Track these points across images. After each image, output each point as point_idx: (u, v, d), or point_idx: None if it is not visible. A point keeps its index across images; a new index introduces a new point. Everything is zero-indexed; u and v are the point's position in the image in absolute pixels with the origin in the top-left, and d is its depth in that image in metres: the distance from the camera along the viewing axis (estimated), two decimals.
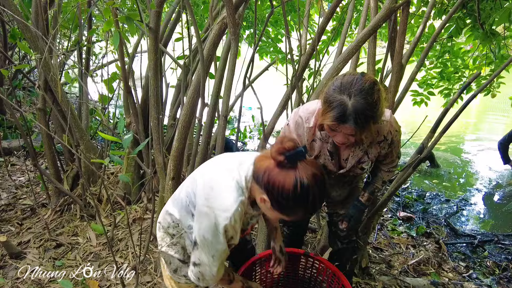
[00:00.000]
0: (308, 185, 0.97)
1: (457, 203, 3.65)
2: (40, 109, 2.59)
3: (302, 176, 0.97)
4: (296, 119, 1.43)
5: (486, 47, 3.59)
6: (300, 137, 1.44)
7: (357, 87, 1.16)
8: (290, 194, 0.97)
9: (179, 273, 1.36)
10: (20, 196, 3.01)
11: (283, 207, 1.03)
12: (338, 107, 1.16)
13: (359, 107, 1.15)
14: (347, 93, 1.16)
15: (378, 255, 2.59)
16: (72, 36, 3.29)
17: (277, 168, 1.00)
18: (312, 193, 0.98)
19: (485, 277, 2.49)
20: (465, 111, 2.07)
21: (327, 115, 1.19)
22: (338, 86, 1.19)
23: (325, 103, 1.22)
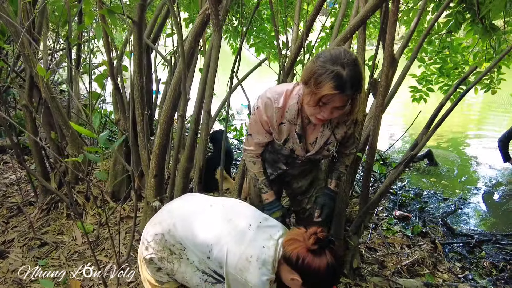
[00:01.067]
0: (336, 267, 1.19)
1: (455, 202, 3.57)
2: (25, 106, 2.55)
3: (332, 261, 1.18)
4: (265, 101, 1.43)
5: (486, 42, 3.49)
6: (270, 118, 1.44)
7: (348, 58, 1.21)
8: (325, 276, 1.17)
9: (163, 271, 1.34)
10: (9, 194, 2.98)
11: (316, 285, 1.21)
12: (335, 77, 1.18)
13: (354, 75, 1.20)
14: (340, 64, 1.19)
15: (371, 255, 2.52)
16: (61, 32, 3.24)
17: (310, 254, 1.18)
18: (338, 272, 1.24)
19: (481, 278, 2.41)
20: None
21: (325, 86, 1.20)
22: (328, 58, 1.22)
23: (316, 76, 1.22)
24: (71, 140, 2.58)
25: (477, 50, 3.69)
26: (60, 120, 2.54)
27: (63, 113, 2.56)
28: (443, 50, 3.60)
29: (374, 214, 3.17)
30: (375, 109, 1.93)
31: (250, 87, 2.69)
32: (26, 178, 3.17)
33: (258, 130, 1.51)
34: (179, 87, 1.82)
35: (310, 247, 1.17)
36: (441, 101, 2.23)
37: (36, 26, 2.61)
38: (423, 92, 3.53)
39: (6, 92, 4.25)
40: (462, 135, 5.99)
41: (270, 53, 3.85)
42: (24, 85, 2.77)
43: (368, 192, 2.14)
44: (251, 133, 1.55)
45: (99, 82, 2.73)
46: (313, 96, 1.25)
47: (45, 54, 3.07)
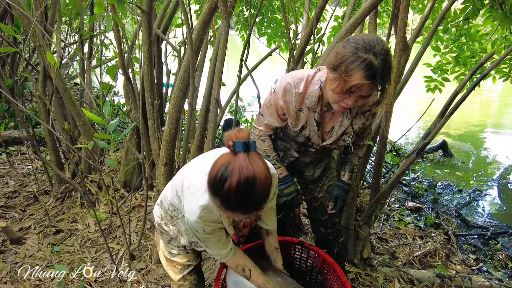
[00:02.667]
0: (227, 176, 0.91)
1: (470, 193, 3.48)
2: (39, 97, 2.60)
3: (228, 165, 0.92)
4: (285, 85, 1.38)
5: (505, 29, 3.35)
6: (287, 103, 1.40)
7: (381, 47, 1.15)
8: (212, 177, 0.95)
9: (173, 243, 1.37)
10: (26, 184, 3.06)
11: (212, 190, 0.98)
12: (367, 66, 1.13)
13: (386, 66, 1.16)
14: (373, 52, 1.14)
15: (382, 246, 2.50)
16: (73, 24, 3.28)
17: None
18: (229, 183, 0.91)
19: (496, 271, 2.35)
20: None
21: (356, 75, 1.14)
22: (361, 45, 1.15)
23: (347, 63, 1.16)
24: (84, 130, 2.62)
25: (496, 37, 3.56)
26: (73, 110, 2.58)
27: (76, 104, 2.60)
28: (459, 38, 3.47)
29: (386, 205, 3.13)
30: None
31: (260, 78, 2.68)
32: (42, 168, 3.25)
33: (271, 113, 1.47)
34: (187, 75, 1.82)
35: (227, 143, 1.00)
36: (455, 89, 2.17)
37: (48, 18, 2.65)
38: (438, 82, 3.43)
39: (23, 85, 4.36)
40: (480, 127, 5.82)
41: (281, 42, 3.81)
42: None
43: (379, 182, 2.10)
44: (263, 114, 1.51)
45: (111, 73, 2.77)
46: (341, 83, 1.19)
47: (58, 46, 3.12)
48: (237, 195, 0.91)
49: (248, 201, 0.94)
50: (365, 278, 2.10)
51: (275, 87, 1.41)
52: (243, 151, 0.93)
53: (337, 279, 1.60)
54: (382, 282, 2.08)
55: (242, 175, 0.90)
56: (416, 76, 3.42)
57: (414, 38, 2.35)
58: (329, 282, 1.63)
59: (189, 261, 1.40)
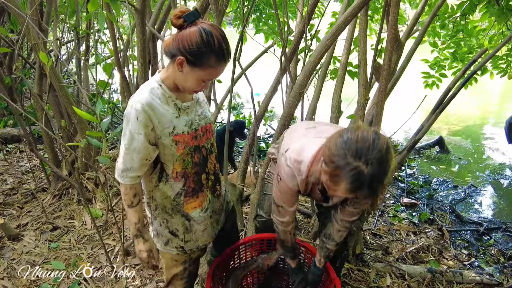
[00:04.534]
0: (210, 31, 1.08)
1: (465, 189, 3.50)
2: (36, 94, 2.62)
3: (203, 26, 1.09)
4: (287, 171, 1.32)
5: (502, 25, 3.35)
6: (297, 185, 1.34)
7: (376, 153, 1.00)
8: (198, 41, 1.07)
9: (171, 245, 1.35)
10: (24, 181, 3.09)
11: (197, 57, 1.09)
12: (354, 176, 1.01)
13: (377, 177, 1.01)
14: (364, 160, 0.99)
15: (375, 241, 2.52)
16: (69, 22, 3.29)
17: (180, 31, 1.10)
18: (215, 36, 1.08)
19: (488, 266, 2.37)
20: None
21: (342, 185, 1.04)
22: (353, 149, 1.01)
23: (334, 167, 1.05)
24: (80, 128, 2.65)
25: (493, 33, 3.55)
26: (69, 108, 2.61)
27: (72, 102, 2.62)
28: (457, 34, 3.47)
29: (381, 201, 3.15)
30: (378, 94, 1.90)
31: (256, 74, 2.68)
32: (40, 166, 3.28)
33: (288, 198, 1.38)
34: None
35: (177, 23, 1.09)
36: (448, 85, 2.18)
37: (44, 16, 2.67)
38: (435, 78, 3.42)
39: (21, 83, 4.38)
40: (478, 124, 5.82)
41: (277, 39, 3.81)
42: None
43: None
44: (281, 204, 1.40)
45: (107, 71, 2.78)
46: (330, 186, 1.10)
47: (55, 44, 3.14)
48: (224, 42, 1.10)
49: (229, 46, 1.13)
50: (357, 273, 2.13)
51: (280, 175, 1.35)
52: (198, 18, 1.10)
53: (327, 275, 1.63)
54: (373, 277, 2.10)
55: (215, 27, 1.10)
56: (417, 72, 3.43)
57: (408, 34, 2.36)
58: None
59: (189, 256, 1.41)
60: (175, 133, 1.18)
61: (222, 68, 1.15)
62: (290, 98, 1.97)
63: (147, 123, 1.12)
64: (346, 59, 2.29)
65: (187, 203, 1.29)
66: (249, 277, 1.86)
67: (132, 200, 1.22)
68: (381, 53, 2.43)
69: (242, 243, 1.80)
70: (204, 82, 1.15)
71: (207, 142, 1.32)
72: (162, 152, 1.20)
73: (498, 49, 2.00)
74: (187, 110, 1.23)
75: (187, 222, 1.32)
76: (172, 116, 1.18)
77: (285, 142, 1.44)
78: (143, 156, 1.15)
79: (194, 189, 1.28)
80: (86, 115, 1.44)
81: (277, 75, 2.19)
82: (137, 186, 1.22)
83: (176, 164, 1.22)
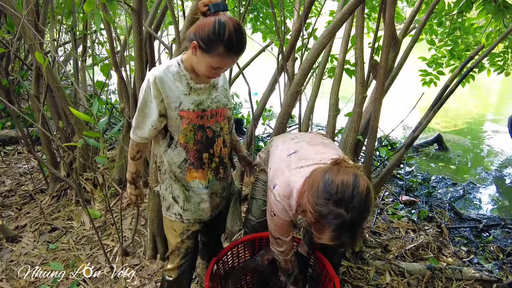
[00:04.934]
0: (224, 22, 1.14)
1: (464, 186, 3.50)
2: (33, 96, 2.61)
3: (220, 18, 1.15)
4: (278, 206, 1.35)
5: (499, 22, 3.35)
6: (290, 217, 1.38)
7: (356, 202, 1.03)
8: (210, 29, 1.15)
9: (171, 210, 1.46)
10: (22, 183, 3.09)
11: (207, 45, 1.17)
12: (336, 225, 1.04)
13: (357, 223, 1.06)
14: (345, 208, 1.03)
15: (375, 239, 2.52)
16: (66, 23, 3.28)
17: (202, 18, 1.19)
18: (228, 28, 1.14)
19: (487, 262, 2.37)
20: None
21: (323, 233, 1.08)
22: (333, 197, 1.04)
23: (318, 216, 1.08)
24: (78, 129, 2.64)
25: (490, 31, 3.55)
26: (66, 109, 2.60)
27: (69, 103, 2.62)
28: (454, 32, 3.47)
29: (380, 199, 3.15)
30: (376, 92, 1.90)
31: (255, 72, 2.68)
32: (38, 167, 3.27)
33: (284, 230, 1.43)
34: None
35: (202, 9, 1.18)
36: (445, 82, 2.18)
37: (40, 17, 2.66)
38: (433, 75, 3.43)
39: (19, 84, 4.37)
40: (477, 121, 5.83)
41: (274, 38, 3.82)
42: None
43: (370, 176, 2.12)
44: (279, 237, 1.45)
45: (104, 72, 2.78)
46: (316, 234, 1.13)
47: (52, 45, 3.13)
48: (236, 35, 1.15)
49: (243, 41, 1.19)
50: (357, 271, 2.13)
51: (273, 211, 1.39)
52: (222, 10, 1.17)
53: (326, 273, 1.62)
54: (373, 275, 2.10)
55: (234, 21, 1.16)
56: (415, 69, 3.43)
57: (405, 32, 2.36)
58: (317, 276, 1.66)
59: (187, 227, 1.47)
60: (181, 109, 1.29)
61: (231, 59, 1.22)
62: (288, 96, 1.97)
63: (156, 94, 1.25)
64: (344, 57, 2.28)
65: (189, 172, 1.39)
66: (248, 276, 1.86)
67: (135, 155, 1.41)
68: (378, 51, 2.43)
69: (241, 242, 1.80)
70: (215, 70, 1.23)
71: (216, 125, 1.41)
72: (169, 123, 1.34)
73: (495, 46, 2.00)
74: (199, 91, 1.34)
75: (187, 192, 1.42)
76: (180, 93, 1.29)
77: (270, 173, 1.46)
78: (151, 122, 1.30)
79: (193, 163, 1.38)
80: (83, 116, 1.43)
81: (274, 73, 2.19)
82: (142, 146, 1.39)
83: (180, 136, 1.34)
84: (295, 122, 5.09)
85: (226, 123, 1.46)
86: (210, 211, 1.48)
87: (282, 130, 2.05)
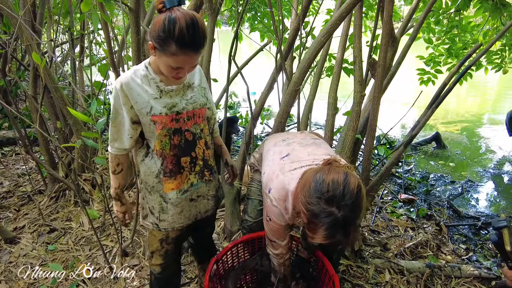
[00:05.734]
0: (174, 18, 1.07)
1: (463, 184, 3.51)
2: (31, 96, 2.60)
3: (171, 14, 1.08)
4: (275, 211, 1.35)
5: (496, 20, 3.36)
6: (286, 221, 1.38)
7: (348, 199, 1.04)
8: (161, 27, 1.08)
9: (148, 220, 1.44)
10: (20, 184, 3.07)
11: (159, 43, 1.10)
12: (329, 223, 1.05)
13: (350, 221, 1.06)
14: (336, 206, 1.04)
15: (374, 238, 2.52)
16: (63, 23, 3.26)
17: (157, 15, 1.12)
18: (178, 24, 1.06)
19: (485, 260, 2.38)
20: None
21: (317, 233, 1.08)
22: (324, 195, 1.05)
23: (310, 215, 1.08)
24: (76, 129, 2.63)
25: (487, 29, 3.56)
26: (64, 110, 2.59)
27: (67, 103, 2.61)
28: (451, 30, 3.47)
29: (379, 198, 3.16)
30: (374, 90, 1.90)
31: (253, 72, 2.68)
32: (36, 168, 3.26)
33: (280, 233, 1.44)
34: None
35: (158, 6, 1.12)
36: (444, 80, 2.18)
37: (37, 17, 2.64)
38: (431, 74, 3.43)
39: (16, 85, 4.35)
40: (475, 119, 5.84)
41: (272, 37, 3.81)
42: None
43: (369, 175, 2.12)
44: (274, 240, 1.47)
45: (102, 72, 2.77)
46: (309, 234, 1.13)
47: (49, 45, 3.11)
48: (188, 30, 1.07)
49: (197, 35, 1.09)
50: (356, 270, 2.13)
51: (269, 216, 1.39)
52: (177, 4, 1.10)
53: (326, 272, 1.62)
54: (372, 274, 2.11)
55: (187, 15, 1.08)
56: (413, 68, 3.43)
57: (403, 30, 2.36)
58: (317, 275, 1.66)
59: (166, 234, 1.45)
60: (153, 113, 1.24)
61: (188, 56, 1.12)
62: (286, 95, 1.97)
63: (124, 101, 1.21)
64: (342, 56, 2.29)
65: (165, 183, 1.34)
66: (247, 275, 1.86)
67: (115, 168, 1.35)
68: (377, 50, 2.44)
69: (241, 242, 1.80)
70: (176, 70, 1.16)
71: (195, 127, 1.35)
72: (144, 130, 1.29)
73: (493, 43, 2.01)
74: (171, 93, 1.27)
75: (164, 203, 1.37)
76: (150, 97, 1.23)
77: (264, 177, 1.46)
78: (125, 131, 1.26)
79: (171, 170, 1.33)
80: (81, 116, 1.43)
81: (272, 73, 2.19)
82: (122, 158, 1.34)
83: (156, 142, 1.29)
84: (293, 121, 5.09)
85: (206, 124, 1.41)
86: (190, 215, 1.45)
87: (281, 129, 2.05)
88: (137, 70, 1.24)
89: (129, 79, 1.21)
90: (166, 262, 1.51)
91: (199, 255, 1.88)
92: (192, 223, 1.49)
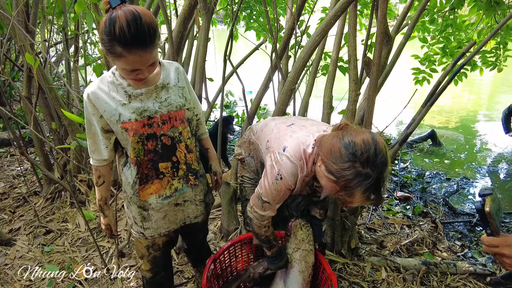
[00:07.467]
0: (114, 17, 1.00)
1: (458, 181, 3.53)
2: (25, 97, 2.58)
3: (111, 13, 1.01)
4: (290, 167, 1.29)
5: (491, 18, 3.38)
6: (295, 183, 1.33)
7: (380, 158, 1.05)
8: (103, 29, 1.03)
9: (133, 228, 1.43)
10: (16, 185, 3.05)
11: (105, 46, 1.05)
12: (367, 185, 1.05)
13: (384, 178, 1.08)
14: (371, 167, 1.04)
15: (370, 235, 2.53)
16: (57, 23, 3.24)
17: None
18: (118, 22, 0.99)
19: (480, 256, 2.40)
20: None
21: (354, 197, 1.07)
22: (359, 156, 1.04)
23: (346, 181, 1.06)
24: (71, 130, 2.62)
25: (481, 27, 3.58)
26: (59, 110, 2.57)
27: (62, 104, 2.59)
28: (446, 29, 3.48)
29: None
30: (369, 89, 1.91)
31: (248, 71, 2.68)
32: (32, 170, 3.24)
33: (280, 197, 1.37)
34: None
35: (104, 7, 1.06)
36: (438, 79, 2.19)
37: (31, 18, 2.62)
38: (426, 73, 3.44)
39: (10, 85, 4.31)
40: (470, 116, 5.88)
41: (268, 36, 3.81)
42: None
43: None
44: (269, 201, 1.38)
45: (97, 72, 2.75)
46: (345, 199, 1.11)
47: (43, 46, 3.09)
48: (129, 28, 0.99)
49: (141, 32, 1.01)
50: (353, 267, 2.14)
51: (279, 173, 1.30)
52: (121, 2, 1.03)
53: (323, 271, 1.63)
54: (369, 271, 2.12)
55: (127, 12, 1.00)
56: (408, 66, 3.44)
57: (397, 29, 2.37)
58: (315, 274, 1.66)
59: (152, 241, 1.44)
60: (122, 121, 1.19)
61: (137, 55, 1.04)
62: (282, 95, 1.97)
63: (93, 111, 1.19)
64: (337, 55, 2.28)
65: (142, 191, 1.31)
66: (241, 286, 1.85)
67: (97, 180, 1.34)
68: (371, 48, 2.44)
69: (238, 241, 1.80)
70: (132, 72, 1.09)
71: (172, 131, 1.28)
72: (118, 138, 1.26)
73: (487, 41, 2.02)
74: (141, 97, 1.20)
75: (145, 212, 1.35)
76: (118, 104, 1.18)
77: (271, 142, 1.42)
78: (100, 141, 1.25)
79: (147, 175, 1.30)
80: (76, 118, 1.42)
81: (268, 72, 2.19)
82: (102, 169, 1.32)
83: (130, 150, 1.25)
84: None
85: (186, 127, 1.31)
86: (176, 219, 1.43)
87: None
88: (104, 77, 1.20)
89: (95, 88, 1.17)
90: (155, 268, 1.50)
91: (193, 259, 1.88)
92: (180, 228, 1.47)
